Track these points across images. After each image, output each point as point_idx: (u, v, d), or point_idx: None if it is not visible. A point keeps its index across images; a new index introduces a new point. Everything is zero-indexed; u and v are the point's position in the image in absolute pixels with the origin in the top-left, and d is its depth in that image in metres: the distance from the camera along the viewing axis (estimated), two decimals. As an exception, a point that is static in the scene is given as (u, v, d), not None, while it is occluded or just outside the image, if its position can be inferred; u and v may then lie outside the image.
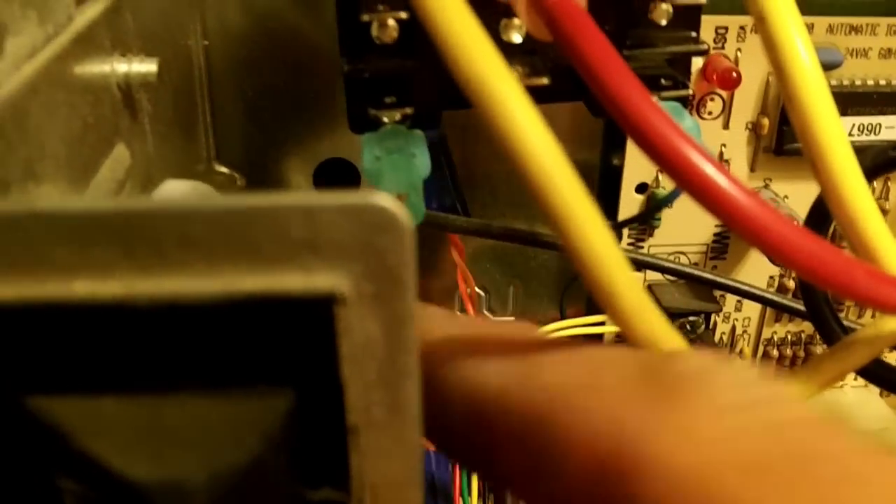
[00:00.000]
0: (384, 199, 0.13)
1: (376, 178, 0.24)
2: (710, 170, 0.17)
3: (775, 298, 0.35)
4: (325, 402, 0.14)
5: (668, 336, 0.17)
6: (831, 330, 0.26)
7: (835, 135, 0.19)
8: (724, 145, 0.35)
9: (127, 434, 0.13)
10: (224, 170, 0.34)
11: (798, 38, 0.19)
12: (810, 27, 0.33)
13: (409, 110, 0.25)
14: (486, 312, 0.39)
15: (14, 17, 0.18)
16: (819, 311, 0.27)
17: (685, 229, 0.36)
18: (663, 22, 0.26)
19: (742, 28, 0.33)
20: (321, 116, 0.34)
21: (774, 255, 0.18)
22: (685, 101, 0.27)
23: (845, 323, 0.27)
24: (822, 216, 0.26)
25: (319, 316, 0.13)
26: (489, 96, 0.16)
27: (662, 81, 0.26)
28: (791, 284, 0.38)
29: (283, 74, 0.33)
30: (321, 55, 0.33)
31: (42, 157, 0.18)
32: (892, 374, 0.27)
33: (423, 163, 0.25)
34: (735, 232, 0.17)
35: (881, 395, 0.41)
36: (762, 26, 0.19)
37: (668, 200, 0.32)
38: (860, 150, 0.26)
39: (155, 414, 0.13)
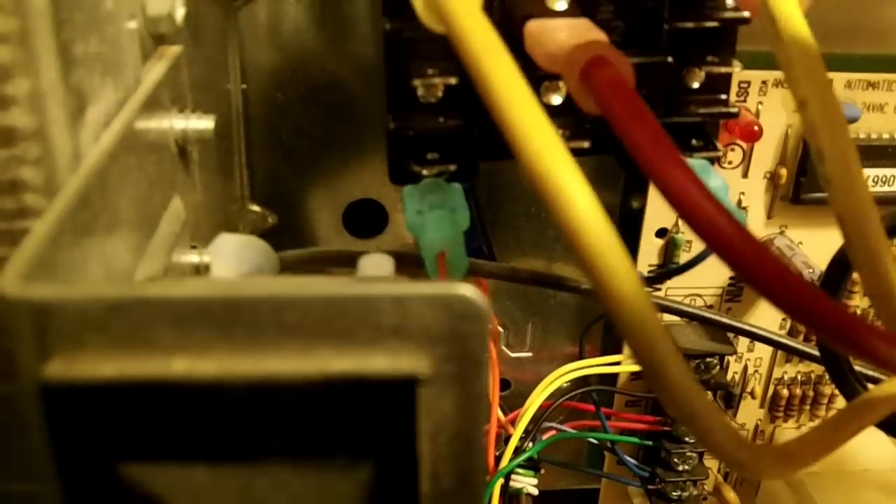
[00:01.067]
0: (468, 290, 0.14)
1: (419, 232, 0.25)
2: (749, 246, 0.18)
3: (786, 342, 0.36)
4: (402, 472, 0.15)
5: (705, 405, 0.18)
6: (849, 384, 0.27)
7: (863, 193, 0.20)
8: (743, 193, 0.36)
9: (219, 502, 0.14)
10: (257, 209, 0.35)
11: (839, 124, 0.20)
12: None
13: (452, 167, 0.26)
14: (504, 349, 0.40)
15: (94, 87, 0.19)
16: (836, 363, 0.28)
17: (701, 273, 0.37)
18: (696, 85, 0.27)
19: (764, 83, 0.34)
20: (353, 158, 0.35)
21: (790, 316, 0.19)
22: (715, 160, 0.28)
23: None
24: (844, 267, 0.28)
25: (402, 395, 0.14)
26: (538, 159, 0.17)
27: (693, 142, 0.27)
28: (801, 327, 0.39)
29: (316, 117, 0.34)
30: (354, 98, 0.34)
31: (117, 221, 0.18)
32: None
33: (463, 217, 0.26)
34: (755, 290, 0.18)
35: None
36: (803, 111, 0.20)
37: (700, 259, 0.33)
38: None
39: (245, 483, 0.14)
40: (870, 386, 0.28)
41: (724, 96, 0.27)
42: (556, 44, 0.22)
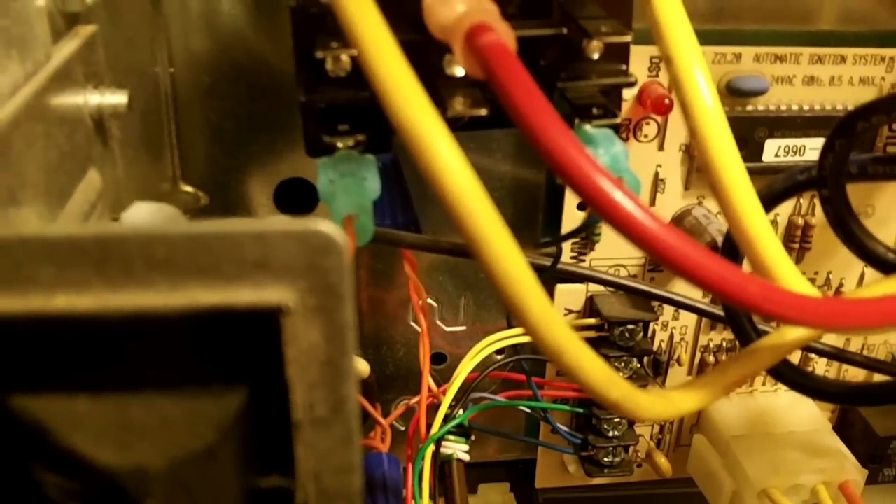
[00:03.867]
0: (326, 225, 0.15)
1: (330, 200, 0.26)
2: (620, 198, 0.19)
3: (707, 308, 0.37)
4: (274, 400, 0.16)
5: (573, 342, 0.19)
6: (747, 335, 0.29)
7: (734, 167, 0.21)
8: (660, 166, 0.37)
9: (98, 428, 0.15)
10: (189, 189, 0.36)
11: (700, 78, 0.21)
12: (738, 56, 0.36)
13: (361, 137, 0.27)
14: (438, 322, 0.41)
15: (-3, 58, 0.20)
16: (736, 316, 0.29)
17: (624, 244, 0.38)
18: (595, 56, 0.28)
19: (674, 57, 0.35)
20: (281, 138, 0.36)
21: (679, 275, 0.20)
22: (616, 128, 0.29)
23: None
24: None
25: (269, 325, 0.15)
26: (417, 139, 0.18)
27: (594, 111, 0.28)
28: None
29: (245, 99, 0.36)
30: (282, 80, 0.35)
31: (23, 184, 0.20)
32: (803, 378, 0.29)
33: (373, 186, 0.27)
34: (646, 253, 0.20)
35: (817, 401, 0.44)
36: (669, 67, 0.21)
37: (589, 224, 0.34)
38: (778, 172, 0.29)
39: (122, 410, 0.15)
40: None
41: (623, 66, 0.29)
42: (445, 14, 0.23)
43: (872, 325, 0.22)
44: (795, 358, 0.43)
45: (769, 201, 0.28)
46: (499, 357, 0.39)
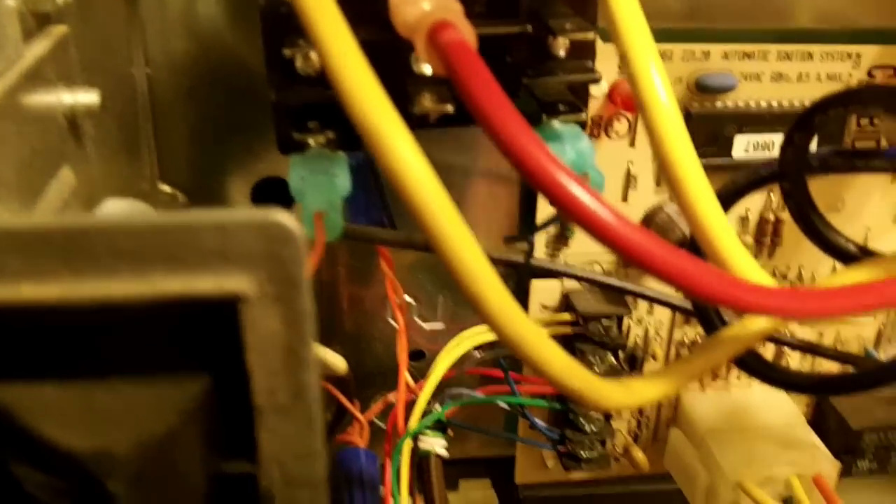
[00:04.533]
0: (283, 216, 0.16)
1: (300, 196, 0.27)
2: (579, 192, 0.20)
3: (679, 304, 0.38)
4: (237, 387, 0.17)
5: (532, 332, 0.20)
6: (714, 326, 0.29)
7: (688, 162, 0.22)
8: (632, 163, 0.38)
9: (64, 413, 0.15)
10: (167, 189, 0.36)
11: (655, 75, 0.22)
12: (707, 54, 0.37)
13: (331, 134, 0.28)
14: (416, 319, 0.42)
15: (-32, 58, 0.20)
16: (702, 307, 0.30)
17: (599, 240, 0.39)
18: (562, 53, 0.29)
19: (644, 56, 0.36)
20: (258, 138, 0.37)
21: (635, 264, 0.20)
22: (583, 124, 0.30)
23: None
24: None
25: (229, 313, 0.16)
26: (374, 136, 0.18)
27: (561, 107, 0.29)
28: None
29: (223, 100, 0.36)
30: (259, 81, 0.36)
31: (-6, 180, 0.20)
32: (771, 370, 0.30)
33: (343, 183, 0.27)
34: (600, 241, 0.20)
35: (788, 392, 0.44)
36: (624, 64, 0.22)
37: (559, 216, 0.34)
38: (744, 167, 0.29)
39: (88, 396, 0.16)
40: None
41: (588, 63, 0.29)
42: (410, 12, 0.24)
43: (829, 313, 0.23)
44: (770, 354, 0.43)
45: (732, 195, 0.29)
46: (477, 353, 0.40)
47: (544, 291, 0.40)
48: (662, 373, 0.24)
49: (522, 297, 0.40)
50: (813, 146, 0.28)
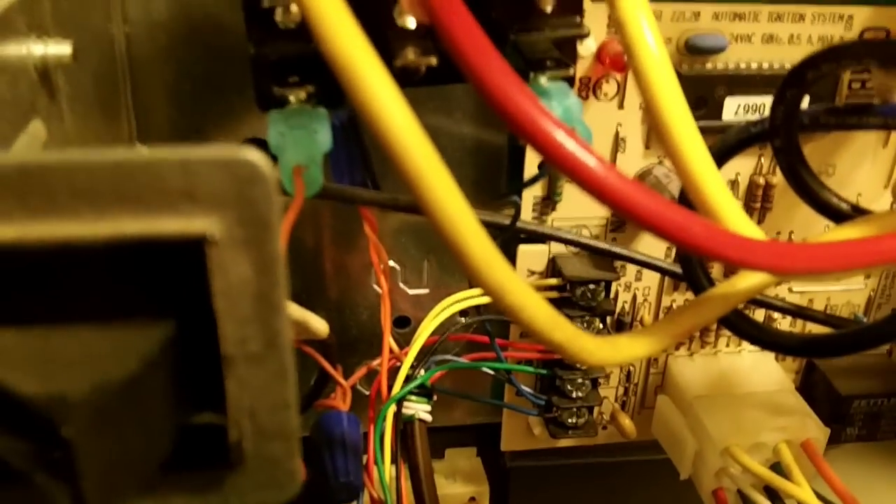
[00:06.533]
0: (252, 154, 0.15)
1: (280, 152, 0.26)
2: (565, 140, 0.19)
3: (667, 267, 0.37)
4: (205, 335, 0.16)
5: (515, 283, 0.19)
6: (701, 284, 0.29)
7: (680, 115, 0.21)
8: (620, 124, 0.37)
9: (21, 358, 0.15)
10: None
11: (646, 27, 0.21)
12: (697, 14, 0.36)
13: (311, 88, 0.27)
14: (401, 285, 0.41)
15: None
16: (689, 265, 0.29)
17: (586, 204, 0.38)
18: (548, 9, 0.28)
19: (633, 15, 0.35)
20: (239, 99, 0.36)
21: (622, 214, 0.20)
22: (571, 81, 0.29)
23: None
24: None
25: (195, 256, 0.15)
26: (352, 78, 0.18)
27: (548, 63, 0.28)
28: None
29: (203, 59, 0.35)
30: (240, 41, 0.35)
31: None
32: (758, 331, 0.29)
33: (324, 138, 0.27)
34: (589, 193, 0.20)
35: (776, 358, 0.44)
36: (613, 13, 0.21)
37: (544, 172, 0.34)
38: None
39: (45, 341, 0.15)
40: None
41: (577, 18, 0.28)
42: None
43: (821, 268, 0.22)
44: (760, 317, 0.43)
45: (723, 154, 0.29)
46: (461, 319, 0.39)
47: (531, 256, 0.39)
48: (649, 330, 0.24)
49: (509, 261, 0.40)
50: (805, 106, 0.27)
